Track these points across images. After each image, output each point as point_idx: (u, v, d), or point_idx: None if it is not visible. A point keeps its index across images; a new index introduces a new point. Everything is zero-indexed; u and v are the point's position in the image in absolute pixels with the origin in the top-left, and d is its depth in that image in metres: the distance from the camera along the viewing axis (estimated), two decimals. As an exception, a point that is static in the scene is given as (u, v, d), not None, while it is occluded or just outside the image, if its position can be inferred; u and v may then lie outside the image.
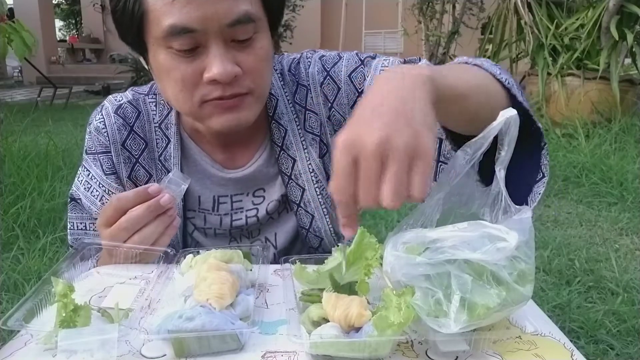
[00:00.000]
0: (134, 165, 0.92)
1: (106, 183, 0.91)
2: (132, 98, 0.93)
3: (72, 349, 0.54)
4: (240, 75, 0.76)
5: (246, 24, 0.74)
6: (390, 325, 0.51)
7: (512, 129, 0.58)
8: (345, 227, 0.55)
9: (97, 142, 0.91)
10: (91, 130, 0.92)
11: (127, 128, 0.91)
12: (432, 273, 0.53)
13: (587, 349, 1.68)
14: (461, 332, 0.51)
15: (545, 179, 0.74)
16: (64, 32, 18.02)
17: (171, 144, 0.91)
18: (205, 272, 0.62)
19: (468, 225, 0.55)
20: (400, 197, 0.49)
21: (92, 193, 0.92)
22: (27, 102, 7.67)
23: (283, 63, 0.95)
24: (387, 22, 8.33)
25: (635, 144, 3.81)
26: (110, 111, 0.92)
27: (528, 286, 0.54)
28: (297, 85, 0.93)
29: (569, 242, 2.53)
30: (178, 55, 0.75)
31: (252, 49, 0.77)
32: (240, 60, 0.76)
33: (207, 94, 0.77)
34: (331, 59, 0.92)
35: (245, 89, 0.78)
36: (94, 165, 0.92)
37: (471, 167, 0.59)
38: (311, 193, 0.93)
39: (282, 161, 0.92)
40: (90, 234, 0.95)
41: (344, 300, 0.58)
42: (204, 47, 0.74)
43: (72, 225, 0.96)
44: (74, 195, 0.95)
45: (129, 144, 0.91)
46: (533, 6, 4.65)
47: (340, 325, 0.56)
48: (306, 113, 0.92)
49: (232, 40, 0.75)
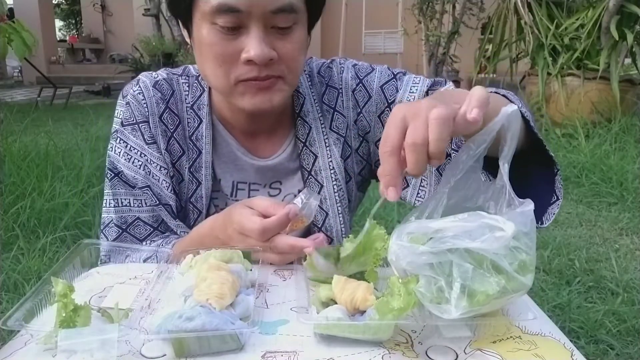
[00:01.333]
0: (169, 139, 0.93)
1: (148, 152, 0.92)
2: (166, 77, 0.95)
3: (72, 349, 0.54)
4: (275, 60, 0.80)
5: (288, 14, 0.79)
6: (391, 310, 0.54)
7: (513, 124, 0.60)
8: (389, 186, 0.58)
9: (137, 112, 0.91)
10: (129, 100, 0.92)
11: (164, 103, 0.93)
12: (434, 262, 0.55)
13: (587, 349, 1.68)
14: (462, 318, 0.53)
15: (559, 202, 0.80)
16: (64, 32, 18.02)
17: (203, 124, 0.93)
18: (205, 272, 0.62)
19: (468, 215, 0.57)
20: (444, 141, 0.56)
21: (133, 163, 0.92)
22: (27, 102, 7.67)
23: (312, 65, 1.00)
24: (387, 22, 8.32)
25: (635, 144, 3.81)
26: (148, 84, 0.93)
27: (529, 276, 0.55)
28: (327, 86, 0.98)
29: (569, 242, 2.53)
30: (221, 32, 0.79)
31: (290, 37, 0.81)
32: (277, 46, 0.80)
33: (243, 74, 0.80)
34: (364, 68, 0.98)
35: (279, 72, 0.82)
36: (133, 135, 0.92)
37: (475, 161, 0.62)
38: (329, 190, 0.96)
39: (303, 156, 0.95)
40: (134, 210, 0.94)
41: (351, 284, 0.61)
42: (246, 29, 0.79)
43: (117, 201, 0.94)
44: (113, 169, 0.93)
45: (166, 118, 0.93)
46: (533, 6, 4.65)
47: (346, 307, 0.60)
48: (334, 113, 0.97)
49: (273, 27, 0.79)
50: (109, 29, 14.40)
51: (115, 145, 0.93)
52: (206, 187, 0.94)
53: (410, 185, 0.95)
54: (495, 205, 0.63)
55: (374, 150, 0.99)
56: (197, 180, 0.94)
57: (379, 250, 0.64)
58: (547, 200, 0.80)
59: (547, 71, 4.52)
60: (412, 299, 0.54)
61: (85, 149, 3.59)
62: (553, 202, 0.80)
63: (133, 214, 0.94)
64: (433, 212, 0.62)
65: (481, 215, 0.57)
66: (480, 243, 0.54)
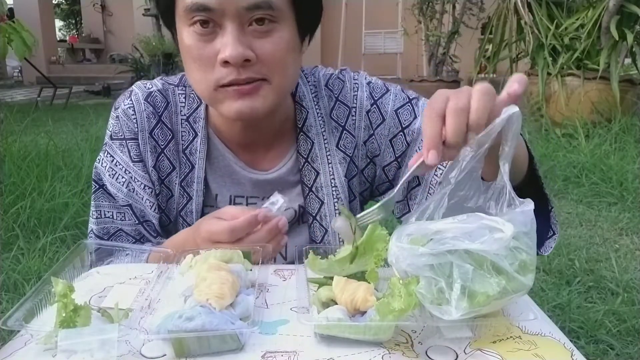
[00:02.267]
0: (158, 156, 0.91)
1: (132, 170, 0.90)
2: (161, 87, 0.92)
3: (72, 349, 0.54)
4: (254, 61, 0.77)
5: (265, 10, 0.75)
6: (391, 311, 0.54)
7: (514, 124, 0.60)
8: (430, 149, 0.59)
9: (125, 128, 0.90)
10: (119, 114, 0.90)
11: (156, 117, 0.90)
12: (435, 263, 0.55)
13: (587, 349, 1.68)
14: (463, 319, 0.53)
15: (556, 236, 0.82)
16: (64, 32, 18.01)
17: (198, 137, 0.91)
18: (205, 272, 0.62)
19: (467, 217, 0.57)
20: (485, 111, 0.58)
21: (117, 180, 0.91)
22: (27, 102, 7.67)
23: (319, 76, 0.96)
24: (387, 22, 8.32)
25: (635, 144, 3.81)
26: (140, 97, 0.90)
27: (529, 275, 0.55)
28: (337, 101, 0.95)
29: (569, 242, 2.53)
30: (198, 34, 0.77)
31: (271, 37, 0.77)
32: (255, 46, 0.77)
33: (222, 77, 0.77)
34: (379, 88, 0.95)
35: (260, 75, 0.78)
36: (120, 151, 0.90)
37: (477, 162, 0.62)
38: (329, 208, 0.94)
39: (305, 172, 0.93)
40: (117, 223, 0.92)
41: (352, 284, 0.61)
42: (221, 29, 0.76)
43: (100, 213, 0.93)
44: (98, 181, 0.92)
45: (157, 134, 0.90)
46: (533, 6, 4.65)
47: (346, 308, 0.60)
48: (343, 132, 0.94)
49: (250, 26, 0.76)
50: (109, 29, 14.39)
51: (103, 158, 0.92)
52: (197, 203, 0.92)
53: (421, 185, 0.94)
54: (496, 205, 0.63)
55: (380, 174, 0.97)
56: (187, 195, 0.92)
57: (380, 251, 0.64)
58: (545, 235, 0.82)
59: (547, 71, 4.52)
60: (412, 300, 0.54)
61: (85, 149, 3.60)
62: (550, 236, 0.82)
63: (115, 225, 0.93)
64: (434, 212, 0.62)
65: (480, 216, 0.57)
66: (480, 244, 0.54)
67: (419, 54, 7.52)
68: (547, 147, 3.96)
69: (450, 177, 0.62)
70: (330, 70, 0.99)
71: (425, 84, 6.83)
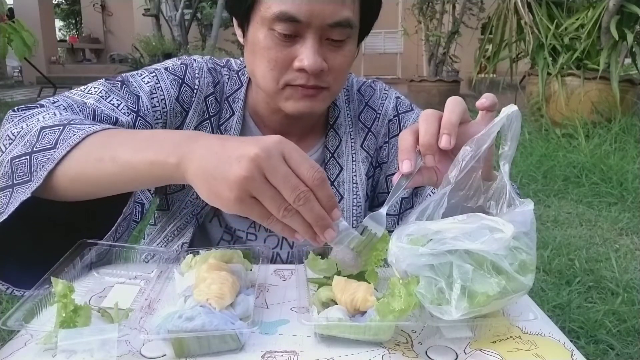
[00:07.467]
0: (203, 121, 0.92)
1: (171, 106, 0.88)
2: (213, 66, 0.96)
3: (72, 349, 0.54)
4: (325, 71, 0.82)
5: (344, 28, 0.81)
6: (391, 311, 0.54)
7: (514, 124, 0.61)
8: (404, 160, 0.65)
9: (188, 75, 0.91)
10: (187, 63, 0.92)
11: (213, 88, 0.94)
12: (435, 263, 0.55)
13: (587, 349, 1.68)
14: (463, 319, 0.53)
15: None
16: (64, 32, 18.02)
17: (235, 116, 0.94)
18: (205, 272, 0.62)
19: (467, 217, 0.57)
20: (457, 115, 0.65)
21: (152, 98, 0.87)
22: (27, 102, 7.63)
23: (352, 82, 1.03)
24: (387, 22, 8.32)
25: (635, 144, 3.82)
26: (203, 66, 0.94)
27: (529, 275, 0.55)
28: (366, 106, 1.02)
29: (569, 242, 2.53)
30: (277, 38, 0.80)
31: (342, 50, 0.83)
32: (328, 57, 0.82)
33: (292, 79, 0.82)
34: (405, 105, 1.03)
35: (326, 83, 0.84)
36: (170, 84, 0.89)
37: (476, 162, 0.62)
38: (347, 203, 0.97)
39: (329, 166, 0.97)
40: (117, 111, 0.82)
41: (352, 285, 0.62)
42: (302, 38, 0.80)
43: (106, 96, 0.84)
44: (128, 84, 0.88)
45: (210, 101, 0.93)
46: (533, 6, 4.65)
47: (346, 308, 0.60)
48: (368, 133, 1.01)
49: (327, 39, 0.81)
50: (109, 29, 14.41)
51: (146, 75, 0.89)
52: None
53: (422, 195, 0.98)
54: (496, 205, 0.63)
55: (382, 182, 1.03)
56: None
57: (380, 251, 0.64)
58: None
59: (547, 71, 4.53)
60: (412, 300, 0.54)
61: (85, 149, 3.58)
62: None
63: (114, 114, 0.82)
64: (434, 212, 0.62)
65: (480, 216, 0.57)
66: (480, 244, 0.54)
67: (419, 54, 7.53)
68: (547, 147, 3.96)
69: (450, 177, 0.62)
70: (363, 79, 1.06)
71: (425, 84, 6.84)
